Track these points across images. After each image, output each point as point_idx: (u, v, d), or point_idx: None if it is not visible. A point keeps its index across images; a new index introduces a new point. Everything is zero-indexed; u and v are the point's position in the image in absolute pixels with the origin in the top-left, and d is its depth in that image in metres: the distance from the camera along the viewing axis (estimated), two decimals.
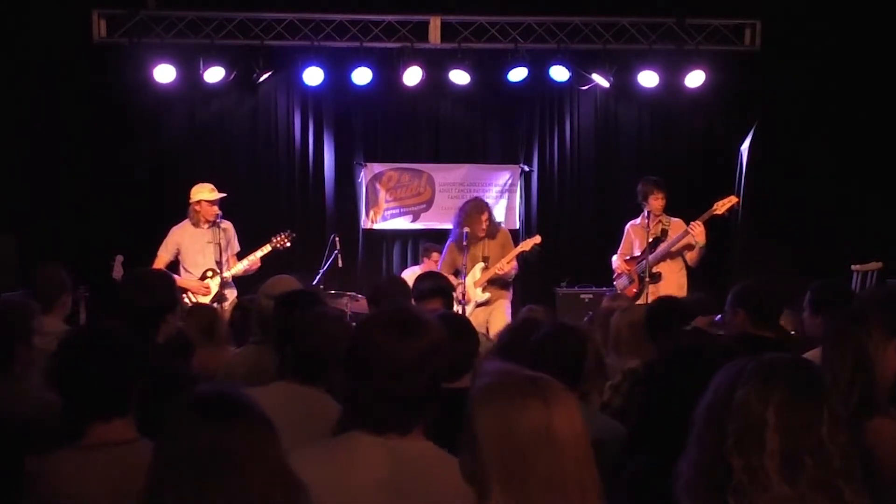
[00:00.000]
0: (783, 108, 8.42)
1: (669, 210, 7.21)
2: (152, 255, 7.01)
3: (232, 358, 3.92)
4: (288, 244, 7.15)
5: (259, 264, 7.05)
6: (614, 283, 7.37)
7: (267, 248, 7.08)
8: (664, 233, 7.00)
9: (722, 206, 6.96)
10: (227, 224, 7.03)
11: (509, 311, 6.96)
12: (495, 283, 7.02)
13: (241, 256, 7.11)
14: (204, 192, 6.95)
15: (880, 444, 2.38)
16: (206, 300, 6.82)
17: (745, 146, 8.69)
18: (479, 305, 7.01)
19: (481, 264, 7.00)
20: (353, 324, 2.84)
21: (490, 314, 6.98)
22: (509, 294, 7.13)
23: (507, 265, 6.96)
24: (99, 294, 6.36)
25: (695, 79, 8.51)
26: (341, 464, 2.06)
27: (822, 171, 8.28)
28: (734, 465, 1.56)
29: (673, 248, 7.01)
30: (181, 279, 6.89)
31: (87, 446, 2.31)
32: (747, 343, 3.53)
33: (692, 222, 6.90)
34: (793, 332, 4.63)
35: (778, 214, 8.31)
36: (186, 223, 7.04)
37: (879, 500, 1.76)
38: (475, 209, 7.00)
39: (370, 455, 2.05)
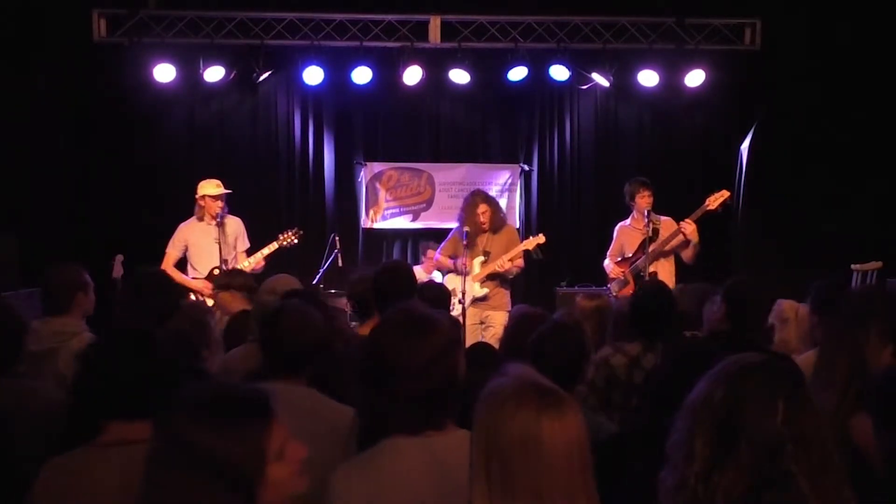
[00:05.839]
0: (783, 108, 8.42)
1: (668, 209, 7.21)
2: (152, 254, 6.96)
3: (230, 356, 3.90)
4: (295, 241, 7.13)
5: (263, 264, 6.99)
6: (608, 285, 7.35)
7: (274, 246, 7.05)
8: (655, 232, 6.95)
9: (714, 202, 6.95)
10: (233, 220, 6.98)
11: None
12: (494, 278, 7.01)
13: (249, 253, 7.03)
14: (209, 188, 6.93)
15: (864, 440, 2.39)
16: (211, 301, 6.81)
17: (745, 146, 8.68)
18: (476, 300, 6.97)
19: (481, 258, 6.98)
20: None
21: (487, 321, 6.95)
22: (507, 299, 7.08)
23: (507, 263, 6.95)
24: (99, 294, 6.35)
25: (695, 78, 8.51)
26: (391, 472, 2.07)
27: (822, 170, 8.27)
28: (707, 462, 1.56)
29: (666, 248, 7.00)
30: (188, 279, 6.87)
31: (105, 443, 2.31)
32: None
33: (683, 220, 6.89)
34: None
35: (778, 214, 8.30)
36: (193, 219, 7.00)
37: (867, 495, 1.76)
38: (471, 201, 7.06)
39: (415, 456, 2.08)
